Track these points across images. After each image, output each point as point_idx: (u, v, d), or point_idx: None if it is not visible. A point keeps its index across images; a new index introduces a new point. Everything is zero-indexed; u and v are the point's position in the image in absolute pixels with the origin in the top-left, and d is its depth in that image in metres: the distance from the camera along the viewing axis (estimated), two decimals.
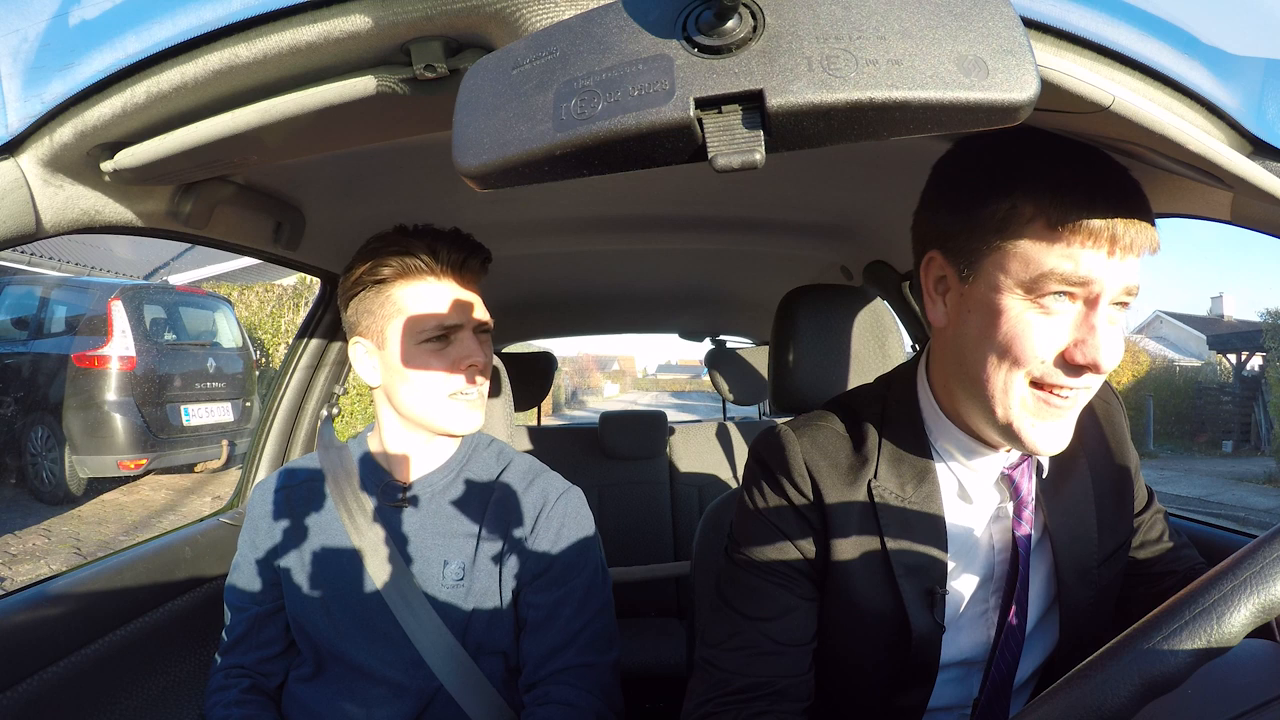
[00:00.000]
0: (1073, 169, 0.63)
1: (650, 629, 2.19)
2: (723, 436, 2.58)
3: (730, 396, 2.56)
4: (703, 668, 0.79)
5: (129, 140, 0.67)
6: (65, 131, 0.63)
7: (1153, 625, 0.40)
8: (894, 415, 0.79)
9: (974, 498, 0.77)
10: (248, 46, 0.55)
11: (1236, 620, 0.39)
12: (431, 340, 0.94)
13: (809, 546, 0.77)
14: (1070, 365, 0.64)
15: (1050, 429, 0.67)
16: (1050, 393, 0.66)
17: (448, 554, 0.98)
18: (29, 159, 0.66)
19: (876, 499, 0.75)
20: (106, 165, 0.69)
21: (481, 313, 0.99)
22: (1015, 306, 0.64)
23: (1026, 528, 0.76)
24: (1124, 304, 0.65)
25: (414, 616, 0.94)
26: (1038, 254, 0.62)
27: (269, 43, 0.55)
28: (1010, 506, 0.76)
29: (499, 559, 0.98)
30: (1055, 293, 0.63)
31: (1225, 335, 16.10)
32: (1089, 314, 0.63)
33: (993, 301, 0.65)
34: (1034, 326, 0.64)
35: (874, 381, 0.86)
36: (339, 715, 0.96)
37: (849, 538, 0.75)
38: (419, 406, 0.96)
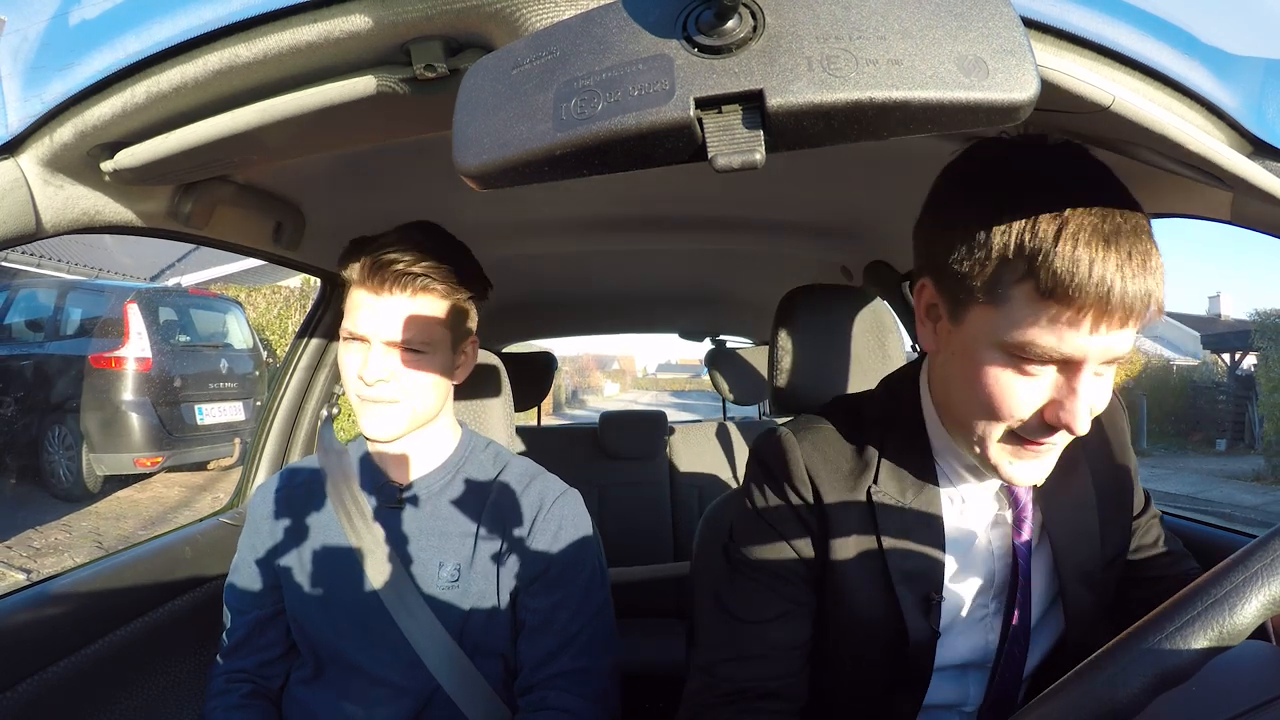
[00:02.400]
0: (1077, 224, 0.57)
1: (650, 629, 2.19)
2: (723, 436, 2.58)
3: (730, 396, 2.56)
4: (697, 672, 0.79)
5: (129, 140, 0.67)
6: (65, 131, 0.63)
7: (1164, 618, 0.41)
8: (896, 421, 0.78)
9: (973, 505, 0.76)
10: (248, 46, 0.55)
11: (1248, 612, 0.39)
12: (347, 341, 0.96)
13: (807, 549, 0.77)
14: (1046, 424, 0.63)
15: (1028, 467, 0.67)
16: (1024, 446, 0.65)
17: (443, 555, 0.98)
18: (29, 159, 0.66)
19: (876, 503, 0.74)
20: (106, 165, 0.69)
21: (400, 330, 0.93)
22: (997, 363, 0.62)
23: (1026, 535, 0.75)
24: (1112, 362, 0.63)
25: (411, 617, 0.94)
26: (1022, 320, 0.59)
27: (269, 43, 0.55)
28: (1009, 514, 0.76)
29: (496, 560, 0.98)
30: (1037, 360, 0.60)
31: (1220, 334, 16.11)
32: (1071, 379, 0.61)
33: (975, 353, 0.63)
34: (1013, 388, 0.62)
35: (878, 385, 0.85)
36: (338, 716, 0.96)
37: (847, 541, 0.75)
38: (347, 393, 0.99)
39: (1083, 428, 0.61)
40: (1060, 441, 0.66)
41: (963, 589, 0.77)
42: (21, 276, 8.43)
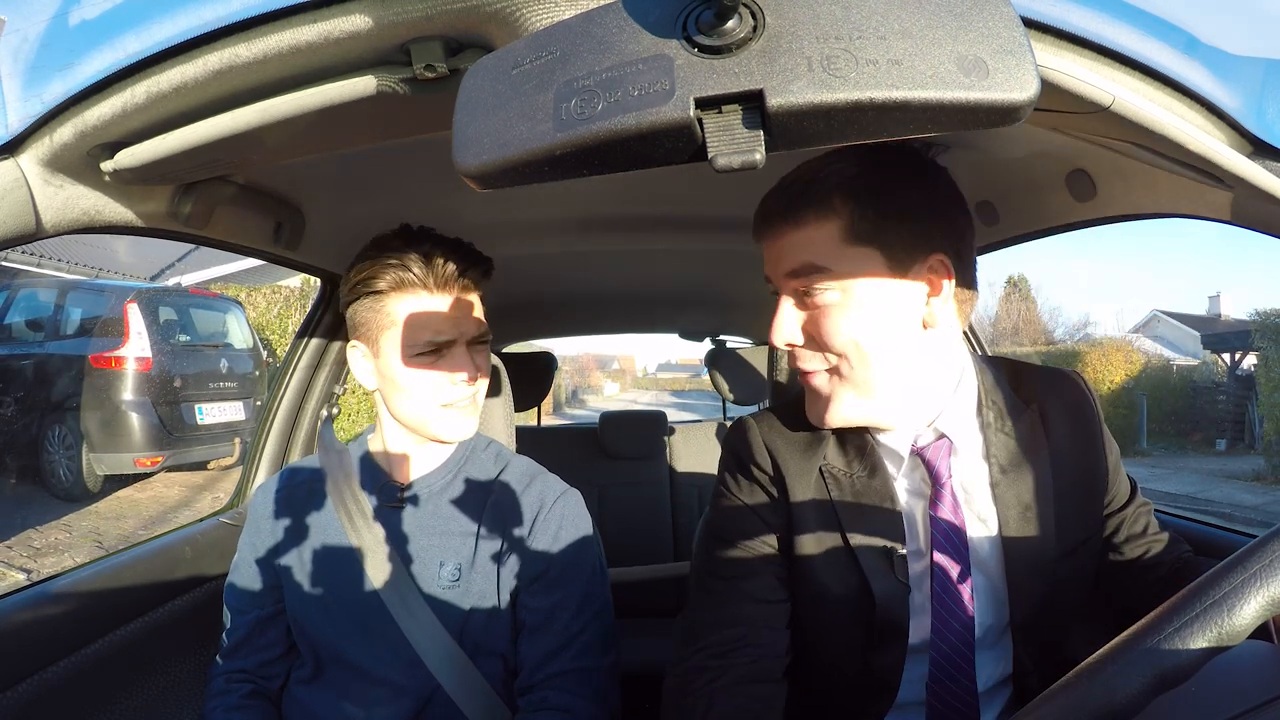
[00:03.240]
0: None
1: (650, 629, 2.19)
2: (723, 436, 2.57)
3: (730, 396, 2.56)
4: (680, 635, 0.83)
5: (129, 140, 0.67)
6: (65, 131, 0.63)
7: (1163, 618, 0.41)
8: None
9: (898, 473, 0.81)
10: (248, 46, 0.55)
11: (1246, 613, 0.39)
12: (424, 354, 0.94)
13: (773, 518, 0.83)
14: None
15: None
16: None
17: (444, 554, 0.98)
18: (29, 159, 0.66)
19: (827, 474, 0.81)
20: (106, 165, 0.69)
21: (477, 325, 0.99)
22: None
23: (947, 513, 0.77)
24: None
25: (411, 617, 0.94)
26: None
27: (269, 43, 0.55)
28: (928, 487, 0.79)
29: (497, 560, 0.98)
30: None
31: (1220, 334, 16.11)
32: None
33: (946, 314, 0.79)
34: None
35: None
36: (338, 716, 0.96)
37: (807, 506, 0.80)
38: (413, 414, 0.97)
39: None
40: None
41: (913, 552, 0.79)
42: (21, 276, 8.44)
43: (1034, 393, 0.84)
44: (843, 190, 0.71)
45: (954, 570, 0.77)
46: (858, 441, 0.82)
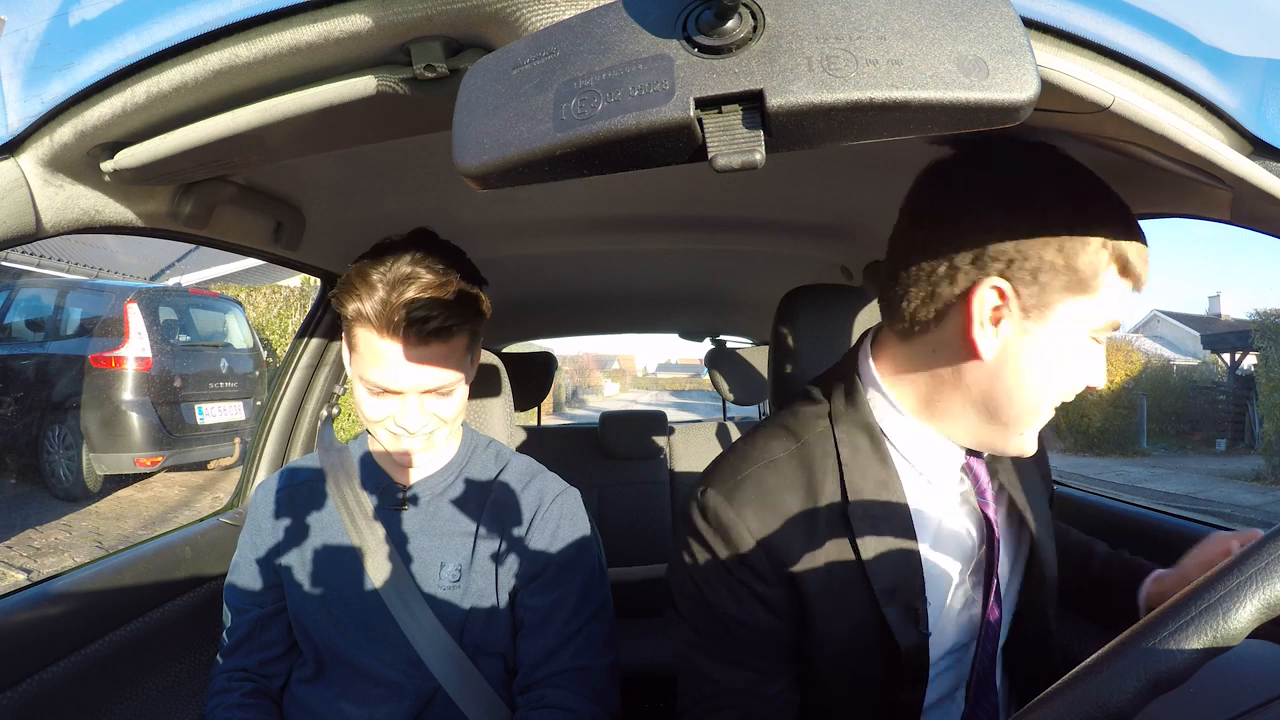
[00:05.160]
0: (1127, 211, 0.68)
1: (650, 629, 2.19)
2: (723, 436, 2.57)
3: (730, 396, 2.56)
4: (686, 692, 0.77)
5: (129, 140, 0.67)
6: (65, 131, 0.63)
7: (1158, 621, 0.41)
8: (847, 428, 0.75)
9: (940, 491, 0.76)
10: (248, 46, 0.55)
11: (1242, 616, 0.39)
12: (373, 392, 0.91)
13: (779, 604, 0.72)
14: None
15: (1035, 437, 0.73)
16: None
17: (445, 555, 0.98)
18: (29, 159, 0.66)
19: (852, 514, 0.71)
20: (106, 165, 0.69)
21: (439, 377, 0.89)
22: (1081, 345, 0.68)
23: (993, 507, 0.77)
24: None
25: (411, 616, 0.94)
26: (1108, 303, 0.67)
27: (269, 43, 0.55)
28: (971, 489, 0.77)
29: (496, 559, 0.98)
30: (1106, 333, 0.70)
31: (1220, 334, 16.12)
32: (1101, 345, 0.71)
33: (1064, 341, 0.67)
34: (1092, 361, 0.69)
35: (812, 389, 0.81)
36: (339, 715, 0.96)
37: (823, 582, 0.71)
38: (369, 429, 0.96)
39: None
40: None
41: (945, 578, 0.76)
42: (22, 276, 8.44)
43: None
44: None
45: (1010, 559, 0.80)
46: (878, 471, 0.73)
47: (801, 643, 0.75)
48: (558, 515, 1.00)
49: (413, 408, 0.90)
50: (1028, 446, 0.72)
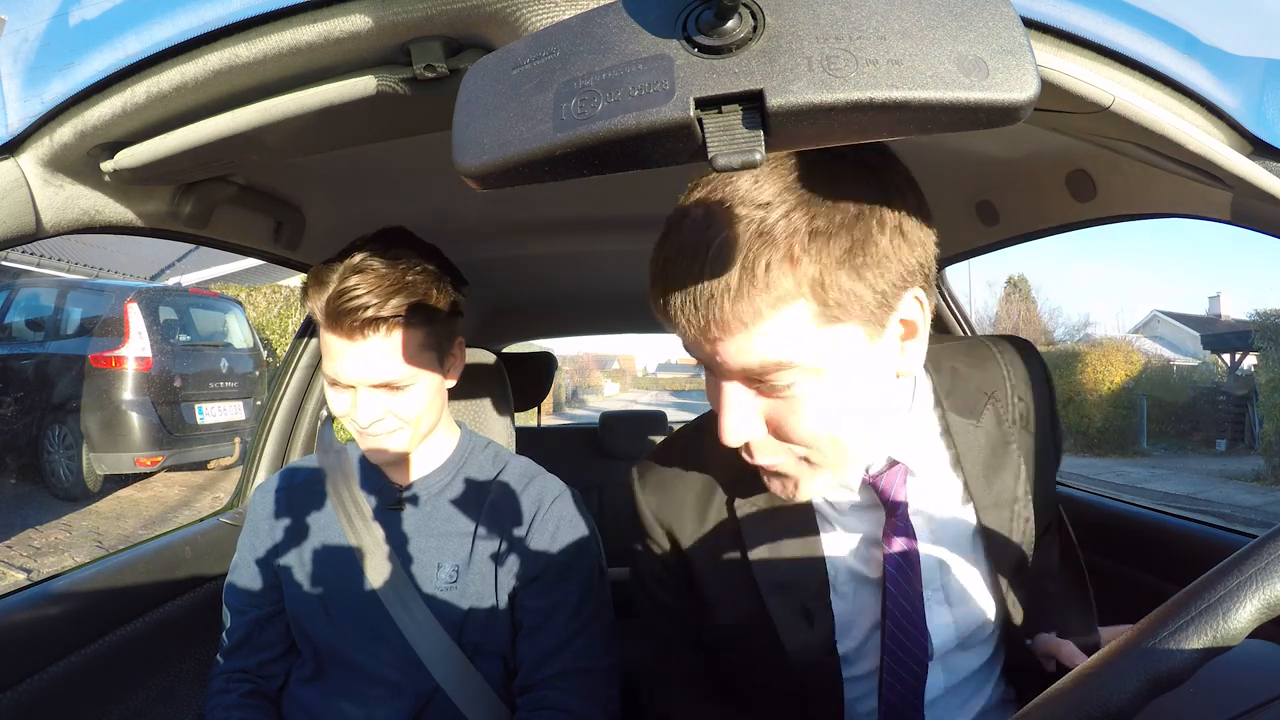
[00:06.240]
0: None
1: None
2: None
3: None
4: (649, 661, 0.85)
5: (129, 140, 0.67)
6: (65, 131, 0.63)
7: (1157, 622, 0.40)
8: None
9: (843, 510, 0.71)
10: (248, 46, 0.55)
11: (1241, 617, 0.39)
12: (331, 385, 0.93)
13: (676, 593, 0.80)
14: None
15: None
16: None
17: (442, 556, 0.98)
18: (29, 159, 0.66)
19: (740, 516, 0.71)
20: (106, 165, 0.69)
21: (381, 372, 0.89)
22: None
23: (900, 543, 0.68)
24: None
25: (410, 617, 0.94)
26: None
27: (269, 43, 0.55)
28: (880, 517, 0.70)
29: (495, 561, 0.98)
30: None
31: (1220, 334, 16.13)
32: None
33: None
34: None
35: None
36: (338, 715, 0.96)
37: (714, 571, 0.73)
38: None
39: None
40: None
41: (861, 595, 0.71)
42: (21, 276, 8.45)
43: (990, 371, 0.77)
44: (799, 255, 0.53)
45: (911, 598, 0.69)
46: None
47: (700, 627, 0.78)
48: (557, 517, 1.00)
49: (364, 401, 0.90)
50: None
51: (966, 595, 0.72)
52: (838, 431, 0.60)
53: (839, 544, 0.71)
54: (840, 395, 0.58)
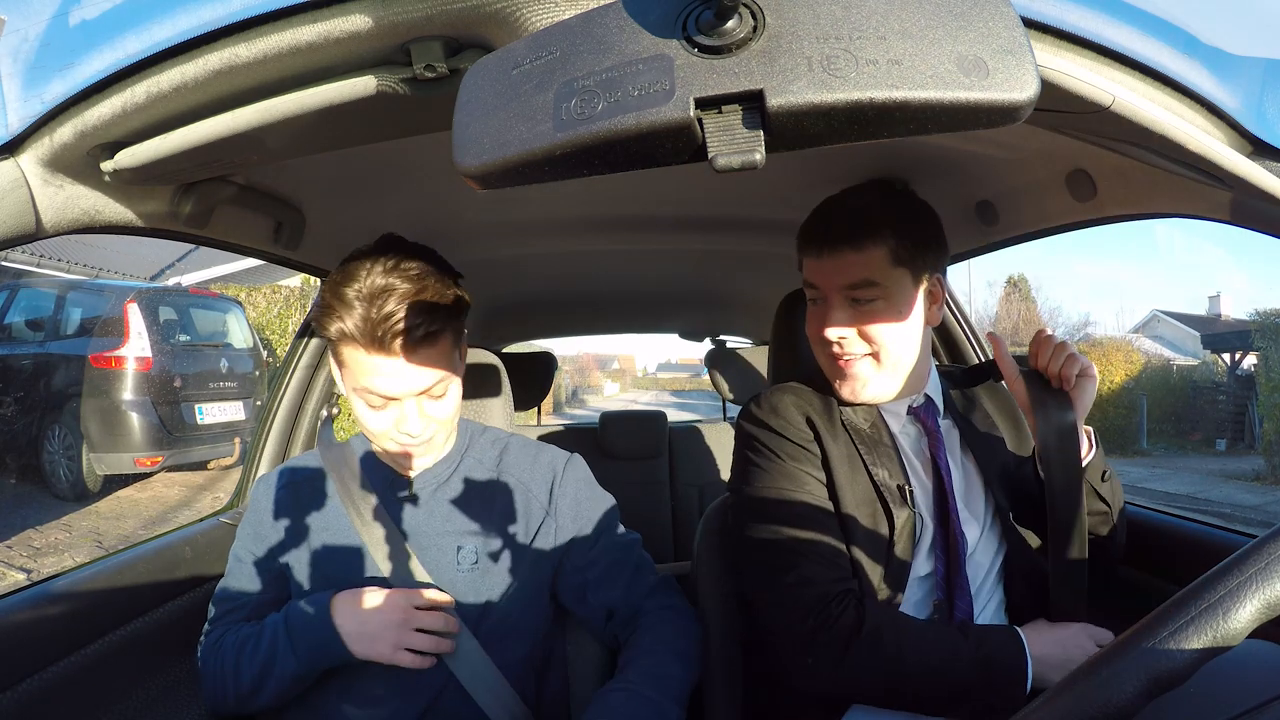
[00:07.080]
0: None
1: None
2: (723, 436, 2.57)
3: (730, 396, 2.56)
4: (781, 602, 0.91)
5: (129, 140, 0.67)
6: (65, 131, 0.63)
7: (1158, 621, 0.41)
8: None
9: (897, 427, 1.02)
10: (248, 46, 0.55)
11: (1242, 617, 0.39)
12: (374, 405, 0.93)
13: (818, 472, 0.97)
14: None
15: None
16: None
17: (460, 540, 0.99)
18: (29, 159, 0.66)
19: (851, 429, 1.00)
20: (106, 165, 0.69)
21: (433, 378, 0.92)
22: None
23: (940, 451, 0.99)
24: None
25: None
26: None
27: (269, 43, 0.55)
28: (924, 438, 1.01)
29: (523, 535, 1.01)
30: None
31: (1220, 334, 16.13)
32: None
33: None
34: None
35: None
36: (347, 708, 0.96)
37: (839, 457, 0.97)
38: (372, 440, 0.98)
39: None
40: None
41: (919, 482, 0.99)
42: (22, 276, 8.45)
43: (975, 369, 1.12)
44: (891, 225, 0.93)
45: (948, 488, 0.98)
46: (864, 409, 1.02)
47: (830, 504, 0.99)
48: (575, 479, 1.08)
49: (412, 413, 0.93)
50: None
51: (971, 485, 1.02)
52: (897, 334, 0.96)
53: (905, 450, 1.01)
54: (899, 315, 0.95)
